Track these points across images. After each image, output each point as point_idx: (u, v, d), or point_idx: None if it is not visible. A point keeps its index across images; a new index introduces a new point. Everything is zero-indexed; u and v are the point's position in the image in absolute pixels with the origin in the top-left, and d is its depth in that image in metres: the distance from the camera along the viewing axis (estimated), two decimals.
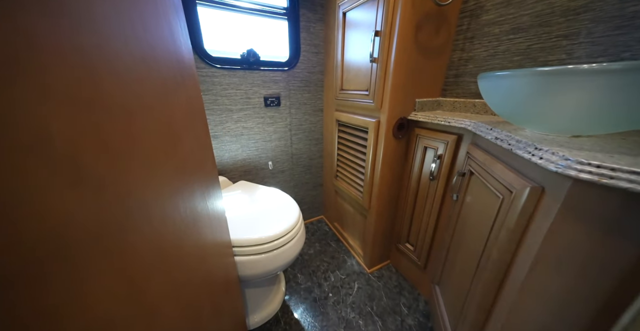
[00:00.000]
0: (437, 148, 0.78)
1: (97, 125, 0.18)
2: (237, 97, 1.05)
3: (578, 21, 0.51)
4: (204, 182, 0.43)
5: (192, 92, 0.39)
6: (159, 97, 0.29)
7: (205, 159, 0.44)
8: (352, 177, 1.10)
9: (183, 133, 0.35)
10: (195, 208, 0.38)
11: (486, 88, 0.49)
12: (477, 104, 0.76)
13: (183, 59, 0.36)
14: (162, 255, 0.28)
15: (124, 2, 0.22)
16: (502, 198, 0.44)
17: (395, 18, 0.70)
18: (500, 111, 0.48)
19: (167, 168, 0.30)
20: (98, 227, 0.18)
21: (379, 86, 0.80)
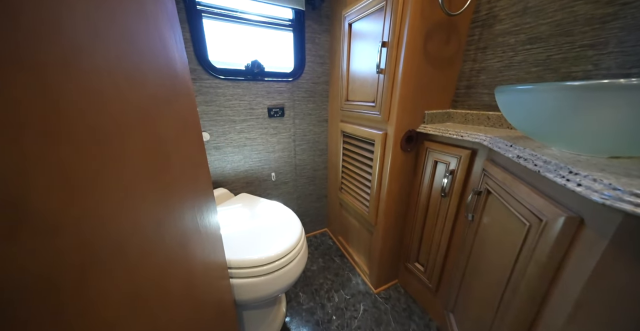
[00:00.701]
0: (448, 163, 0.73)
1: (50, 156, 0.15)
2: (240, 107, 1.03)
3: (605, 30, 0.47)
4: (196, 202, 0.40)
5: (187, 108, 0.37)
6: (144, 118, 0.26)
7: (197, 178, 0.41)
8: (357, 191, 1.05)
9: (173, 153, 0.32)
10: (185, 231, 0.35)
11: (506, 102, 0.45)
12: (492, 117, 0.71)
13: (176, 74, 0.33)
14: (140, 296, 0.24)
15: (103, 13, 0.20)
16: (529, 226, 0.39)
17: (403, 28, 0.67)
18: (522, 127, 0.44)
19: (150, 195, 0.27)
20: (49, 279, 0.15)
21: (386, 97, 0.76)
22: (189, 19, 0.84)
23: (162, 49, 0.29)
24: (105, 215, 0.20)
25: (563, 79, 0.55)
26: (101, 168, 0.19)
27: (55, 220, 0.15)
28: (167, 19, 0.31)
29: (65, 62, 0.16)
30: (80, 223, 0.17)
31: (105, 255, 0.20)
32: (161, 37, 0.29)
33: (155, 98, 0.28)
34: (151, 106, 0.27)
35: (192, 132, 0.38)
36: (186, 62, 0.37)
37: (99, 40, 0.19)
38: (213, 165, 1.06)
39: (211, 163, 1.05)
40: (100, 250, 0.19)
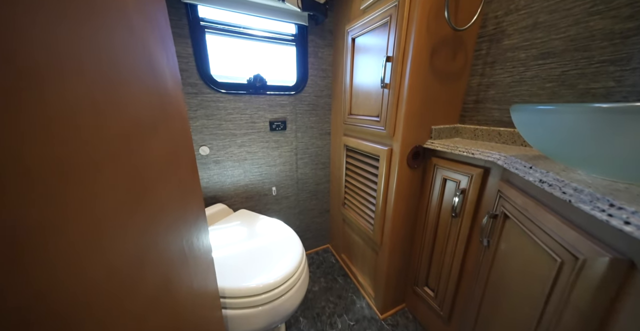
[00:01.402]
0: (458, 182, 0.69)
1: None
2: (241, 121, 1.01)
3: (627, 45, 0.45)
4: (185, 231, 0.36)
5: (178, 131, 0.34)
6: (124, 146, 0.23)
7: (188, 205, 0.37)
8: (361, 207, 1.01)
9: (159, 182, 0.29)
10: (172, 265, 0.31)
11: (524, 122, 0.41)
12: (503, 133, 0.68)
13: (167, 95, 0.31)
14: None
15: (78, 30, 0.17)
16: (561, 262, 0.34)
17: (408, 43, 0.65)
18: (544, 148, 0.40)
19: (130, 231, 0.23)
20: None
21: (391, 112, 0.74)
22: (191, 34, 0.84)
23: (150, 69, 0.27)
24: (67, 264, 0.16)
25: (582, 96, 0.52)
26: (65, 207, 0.16)
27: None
28: (157, 36, 0.29)
29: (27, 85, 0.13)
30: (32, 277, 0.14)
31: (63, 310, 0.16)
32: (149, 56, 0.27)
33: (139, 124, 0.25)
34: (133, 133, 0.24)
35: (183, 156, 0.35)
36: (179, 81, 0.34)
37: (71, 60, 0.16)
38: (212, 180, 1.03)
39: (210, 178, 1.02)
40: (58, 304, 0.15)
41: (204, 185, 1.02)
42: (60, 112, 0.16)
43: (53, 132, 0.15)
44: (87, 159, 0.18)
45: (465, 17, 0.68)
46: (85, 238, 0.18)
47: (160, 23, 0.29)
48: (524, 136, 0.43)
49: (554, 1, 0.55)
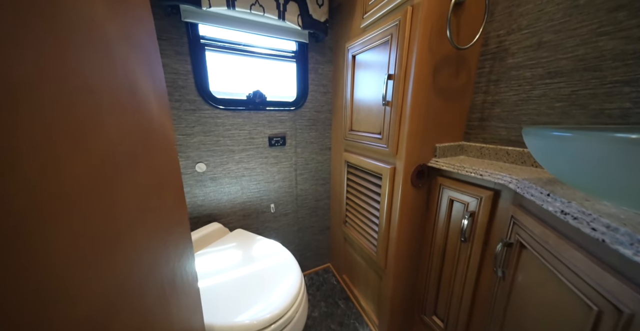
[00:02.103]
0: (467, 204, 0.65)
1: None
2: (240, 137, 0.99)
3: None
4: (166, 267, 0.32)
5: (163, 162, 0.31)
6: (92, 188, 0.19)
7: (170, 236, 0.33)
8: (363, 227, 0.96)
9: (136, 221, 0.25)
10: (149, 309, 0.26)
11: (539, 147, 0.38)
12: (512, 152, 0.65)
13: (151, 121, 0.28)
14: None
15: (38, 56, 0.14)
16: (599, 312, 0.30)
17: (410, 62, 0.64)
18: (564, 177, 0.37)
19: (98, 278, 0.19)
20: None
21: (394, 131, 0.71)
22: (191, 52, 0.84)
23: (131, 98, 0.24)
24: (28, 319, 0.12)
25: (595, 116, 0.50)
26: (13, 264, 0.12)
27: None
28: (144, 62, 0.27)
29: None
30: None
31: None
32: (132, 84, 0.24)
33: (114, 159, 0.22)
34: (106, 170, 0.21)
35: (168, 187, 0.32)
36: (167, 106, 0.32)
37: (34, 89, 0.13)
38: (208, 198, 0.99)
39: (206, 196, 0.98)
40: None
41: (199, 203, 0.98)
42: (20, 147, 0.13)
43: (12, 168, 0.12)
44: (44, 207, 0.15)
45: (467, 35, 0.68)
46: (47, 287, 0.14)
47: (148, 49, 0.27)
48: (540, 162, 0.40)
49: (557, 21, 0.54)
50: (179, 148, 0.89)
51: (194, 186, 0.95)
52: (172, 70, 0.82)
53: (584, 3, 0.50)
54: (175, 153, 0.33)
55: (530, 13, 0.59)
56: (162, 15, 0.76)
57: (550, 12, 0.56)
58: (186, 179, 0.93)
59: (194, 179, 0.94)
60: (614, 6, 0.46)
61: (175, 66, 0.82)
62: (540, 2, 0.57)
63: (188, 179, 0.93)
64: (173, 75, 0.82)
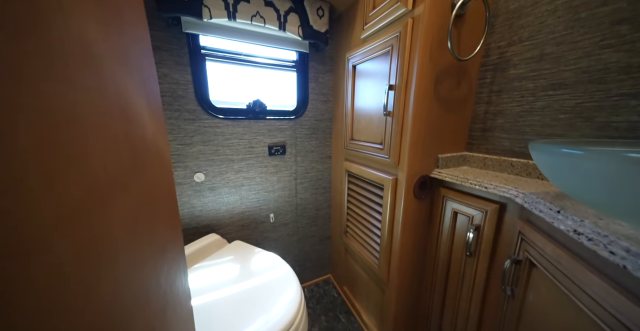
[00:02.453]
0: (471, 217, 0.63)
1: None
2: (239, 146, 0.98)
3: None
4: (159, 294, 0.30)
5: (156, 179, 0.29)
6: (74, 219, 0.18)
7: (162, 261, 0.31)
8: (365, 238, 0.94)
9: (124, 247, 0.24)
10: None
11: (547, 163, 0.37)
12: (516, 164, 0.64)
13: (145, 140, 0.27)
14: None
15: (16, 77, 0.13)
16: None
17: (411, 73, 0.64)
18: (576, 194, 0.36)
19: (82, 313, 0.17)
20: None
21: (395, 141, 0.70)
22: (191, 62, 0.83)
23: (122, 116, 0.23)
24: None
25: (601, 129, 0.49)
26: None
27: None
28: (136, 78, 0.26)
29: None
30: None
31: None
32: (124, 102, 0.23)
33: (97, 188, 0.20)
34: (90, 198, 0.19)
35: (161, 209, 0.30)
36: (162, 124, 0.30)
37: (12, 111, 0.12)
38: (207, 208, 0.97)
39: (204, 206, 0.97)
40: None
41: (197, 214, 0.96)
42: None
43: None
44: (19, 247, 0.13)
45: (468, 46, 0.68)
46: (30, 321, 0.12)
47: (143, 67, 0.26)
48: (548, 177, 0.39)
49: (559, 34, 0.54)
50: (178, 158, 0.88)
51: (192, 196, 0.93)
52: (172, 80, 0.81)
53: (585, 16, 0.50)
54: (170, 173, 0.32)
55: (531, 25, 0.59)
56: (162, 27, 0.77)
57: (551, 25, 0.55)
58: (184, 189, 0.91)
59: (192, 189, 0.93)
60: (616, 19, 0.46)
61: (175, 76, 0.82)
62: (541, 15, 0.57)
63: (186, 189, 0.92)
64: (173, 85, 0.82)
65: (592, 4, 0.49)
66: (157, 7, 0.67)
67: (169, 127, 0.84)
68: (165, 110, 0.82)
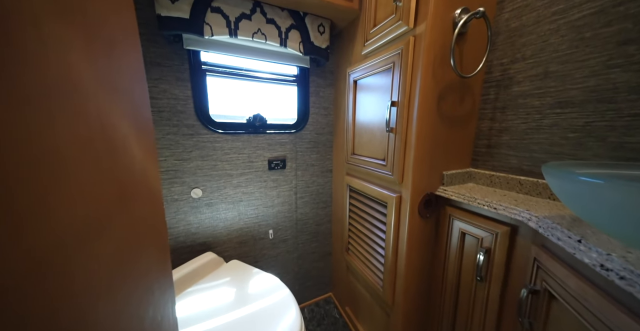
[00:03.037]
0: (480, 239, 0.60)
1: None
2: (239, 161, 0.96)
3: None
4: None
5: (144, 213, 0.27)
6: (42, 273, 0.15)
7: (151, 301, 0.28)
8: (367, 256, 0.90)
9: (106, 292, 0.21)
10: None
11: (564, 190, 0.35)
12: (525, 183, 0.61)
13: (133, 172, 0.24)
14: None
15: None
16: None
17: (414, 89, 0.63)
18: (597, 224, 0.33)
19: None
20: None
21: (399, 158, 0.68)
22: (192, 78, 0.83)
23: (106, 150, 0.21)
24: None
25: (615, 149, 0.47)
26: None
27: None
28: (125, 105, 0.24)
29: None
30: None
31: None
32: (107, 134, 0.21)
33: (74, 228, 0.18)
34: (66, 240, 0.17)
35: (149, 244, 0.28)
36: (153, 152, 0.28)
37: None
38: (203, 225, 0.94)
39: (201, 223, 0.93)
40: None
41: (194, 231, 0.92)
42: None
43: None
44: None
45: (470, 63, 0.67)
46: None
47: (133, 93, 0.24)
48: (566, 204, 0.37)
49: (563, 52, 0.54)
50: (175, 174, 0.85)
51: (189, 213, 0.90)
52: (171, 95, 0.81)
53: (590, 36, 0.49)
54: (161, 204, 0.29)
55: (534, 43, 0.59)
56: (163, 44, 0.77)
57: (554, 43, 0.55)
58: (180, 206, 0.88)
59: (188, 206, 0.90)
60: (622, 40, 0.45)
61: (175, 91, 0.81)
62: (544, 34, 0.57)
63: (183, 206, 0.89)
64: (172, 101, 0.81)
65: (595, 24, 0.49)
66: (158, 25, 0.67)
67: (166, 143, 0.82)
68: (164, 125, 0.81)
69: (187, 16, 0.69)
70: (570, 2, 0.52)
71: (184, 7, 0.68)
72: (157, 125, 0.80)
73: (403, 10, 0.63)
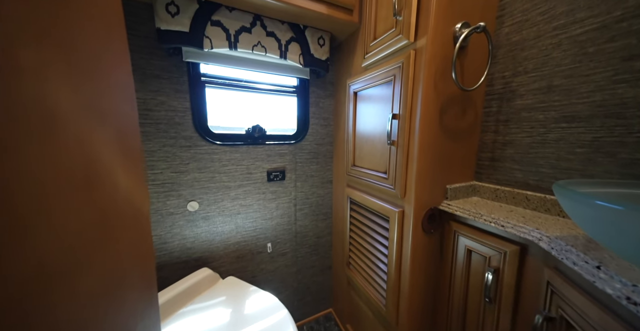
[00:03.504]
0: (488, 257, 0.57)
1: None
2: (237, 172, 0.94)
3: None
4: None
5: (131, 241, 0.25)
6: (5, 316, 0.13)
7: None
8: (369, 273, 0.86)
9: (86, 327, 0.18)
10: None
11: (578, 213, 0.33)
12: (532, 198, 0.59)
13: (116, 201, 0.22)
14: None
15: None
16: None
17: (415, 102, 0.62)
18: (617, 250, 0.31)
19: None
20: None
21: (401, 172, 0.66)
22: (191, 89, 0.82)
23: (85, 181, 0.19)
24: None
25: (627, 166, 0.45)
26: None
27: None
28: (110, 129, 0.22)
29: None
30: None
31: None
32: (88, 161, 0.19)
33: (49, 269, 0.16)
34: (36, 281, 0.15)
35: (133, 282, 0.25)
36: (142, 176, 0.26)
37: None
38: (199, 239, 0.91)
39: (197, 237, 0.90)
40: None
41: (189, 246, 0.89)
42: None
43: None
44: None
45: (471, 76, 0.67)
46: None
47: (119, 115, 0.23)
48: (581, 227, 0.35)
49: (566, 67, 0.53)
50: (171, 187, 0.83)
51: (184, 227, 0.87)
52: (169, 107, 0.80)
53: (593, 51, 0.49)
54: (149, 234, 0.27)
55: (536, 57, 0.58)
56: (163, 56, 0.77)
57: (557, 58, 0.54)
58: (176, 220, 0.85)
59: (184, 219, 0.87)
60: (627, 55, 0.45)
61: (173, 103, 0.80)
62: (545, 48, 0.56)
63: (178, 219, 0.86)
64: (170, 113, 0.80)
65: (598, 39, 0.48)
66: (158, 39, 0.67)
67: (163, 155, 0.80)
68: (161, 137, 0.79)
69: (187, 30, 0.69)
70: (571, 17, 0.52)
71: (184, 20, 0.68)
72: (154, 137, 0.78)
73: (403, 25, 0.63)
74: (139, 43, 0.72)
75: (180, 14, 0.68)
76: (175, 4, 0.67)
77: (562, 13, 0.53)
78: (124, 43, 0.23)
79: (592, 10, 0.49)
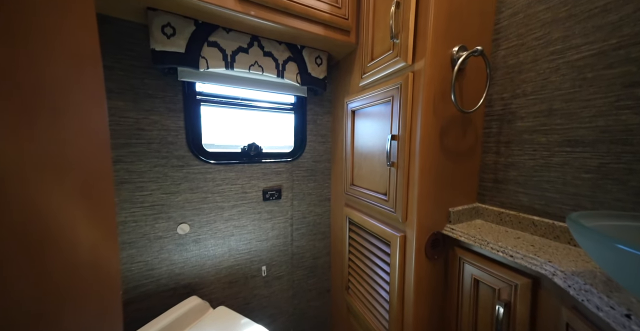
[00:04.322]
0: (497, 290, 0.54)
1: None
2: (231, 192, 0.91)
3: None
4: None
5: (94, 316, 0.21)
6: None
7: None
8: (370, 299, 0.81)
9: None
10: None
11: (599, 253, 0.30)
12: (539, 224, 0.57)
13: (76, 263, 0.19)
14: None
15: None
16: None
17: (415, 123, 0.60)
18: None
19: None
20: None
21: (402, 194, 0.64)
22: (185, 108, 0.81)
23: (37, 252, 0.16)
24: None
25: (637, 195, 0.43)
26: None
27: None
28: (74, 185, 0.19)
29: None
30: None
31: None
32: (40, 228, 0.16)
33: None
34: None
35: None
36: (113, 224, 0.23)
37: None
38: (189, 264, 0.85)
39: (187, 262, 0.85)
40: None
41: (178, 272, 0.83)
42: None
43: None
44: None
45: (470, 98, 0.66)
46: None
47: (87, 164, 0.20)
48: (603, 267, 0.32)
49: (566, 91, 0.52)
50: (161, 209, 0.79)
51: (173, 251, 0.82)
52: (161, 126, 0.77)
53: (592, 76, 0.49)
54: (117, 290, 0.23)
55: (534, 80, 0.58)
56: (157, 76, 0.75)
57: (556, 82, 0.54)
58: (164, 244, 0.80)
59: (174, 243, 0.82)
60: (628, 82, 0.44)
61: (166, 123, 0.78)
62: (543, 72, 0.56)
63: (167, 244, 0.81)
64: (162, 132, 0.77)
65: (597, 65, 0.48)
66: (152, 59, 0.66)
67: (153, 176, 0.77)
68: (152, 157, 0.76)
69: (183, 50, 0.68)
70: (567, 43, 0.52)
71: (180, 41, 0.68)
72: (145, 158, 0.75)
73: (401, 47, 0.63)
74: (132, 63, 0.71)
75: (176, 35, 0.67)
76: (172, 26, 0.67)
77: (558, 39, 0.53)
78: (98, 79, 0.21)
79: (588, 37, 0.49)
